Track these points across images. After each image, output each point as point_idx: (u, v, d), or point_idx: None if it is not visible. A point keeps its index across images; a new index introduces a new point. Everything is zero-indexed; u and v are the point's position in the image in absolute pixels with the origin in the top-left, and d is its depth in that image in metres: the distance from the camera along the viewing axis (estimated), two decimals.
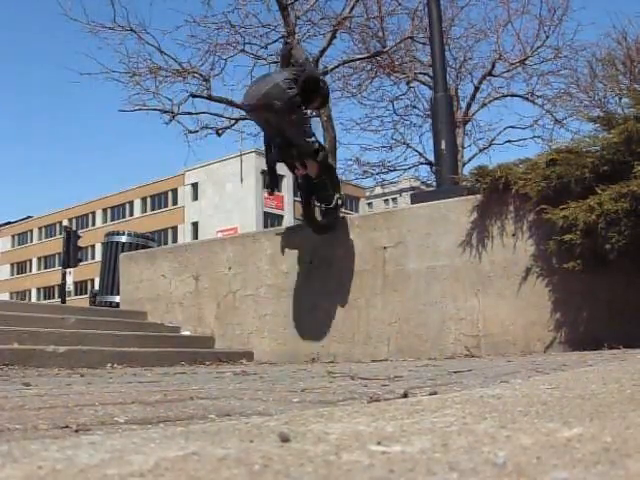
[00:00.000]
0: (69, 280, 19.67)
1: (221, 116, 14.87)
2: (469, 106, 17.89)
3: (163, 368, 4.43)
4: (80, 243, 19.67)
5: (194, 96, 14.06)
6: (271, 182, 5.94)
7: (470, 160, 18.31)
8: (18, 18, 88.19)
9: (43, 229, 66.36)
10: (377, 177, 19.27)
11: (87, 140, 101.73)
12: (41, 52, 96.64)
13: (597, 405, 1.24)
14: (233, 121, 14.98)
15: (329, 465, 0.73)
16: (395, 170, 19.04)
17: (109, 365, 4.39)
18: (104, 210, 61.10)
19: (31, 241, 67.40)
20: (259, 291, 6.25)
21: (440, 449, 0.81)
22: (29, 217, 68.28)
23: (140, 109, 14.24)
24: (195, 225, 52.95)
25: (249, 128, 15.55)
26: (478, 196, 5.21)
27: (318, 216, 5.84)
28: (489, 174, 5.06)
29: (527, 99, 18.22)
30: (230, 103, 14.17)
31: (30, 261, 66.37)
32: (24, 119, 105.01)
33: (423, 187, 21.12)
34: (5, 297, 56.97)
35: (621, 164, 4.29)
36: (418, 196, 6.83)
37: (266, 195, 43.08)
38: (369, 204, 56.87)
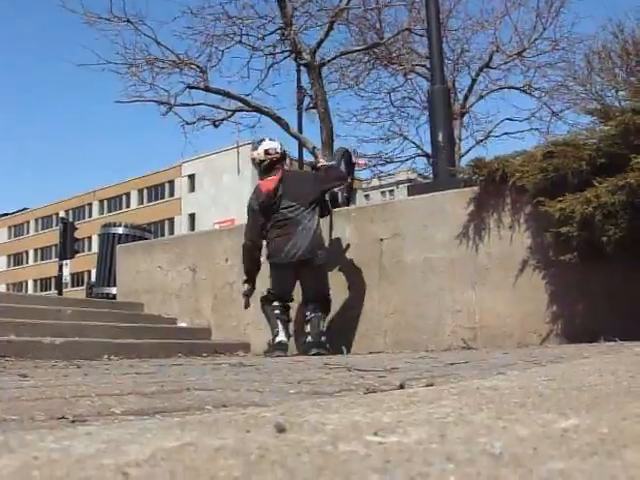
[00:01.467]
0: (66, 272, 19.60)
1: (218, 107, 14.80)
2: (466, 98, 17.88)
3: (160, 359, 4.43)
4: (77, 235, 19.62)
5: (191, 87, 14.00)
6: None
7: (467, 152, 18.31)
8: (17, 9, 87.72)
9: (39, 221, 66.17)
10: (374, 169, 19.28)
11: (84, 131, 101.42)
12: (37, 43, 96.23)
13: (593, 397, 1.24)
14: (230, 112, 14.91)
15: (325, 455, 0.73)
16: (392, 162, 19.07)
17: (106, 357, 4.39)
18: (101, 202, 60.92)
19: (27, 233, 67.22)
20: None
21: (437, 440, 0.81)
22: (25, 209, 68.06)
23: (137, 100, 14.17)
24: (192, 217, 52.83)
25: (246, 120, 15.51)
26: (475, 188, 5.21)
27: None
28: (486, 166, 5.06)
29: (524, 91, 18.22)
30: (227, 94, 14.12)
31: (26, 252, 66.22)
32: (20, 111, 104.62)
33: (420, 179, 21.08)
34: (1, 289, 56.87)
35: (618, 156, 4.28)
36: (415, 188, 6.84)
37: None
38: (366, 196, 56.76)
